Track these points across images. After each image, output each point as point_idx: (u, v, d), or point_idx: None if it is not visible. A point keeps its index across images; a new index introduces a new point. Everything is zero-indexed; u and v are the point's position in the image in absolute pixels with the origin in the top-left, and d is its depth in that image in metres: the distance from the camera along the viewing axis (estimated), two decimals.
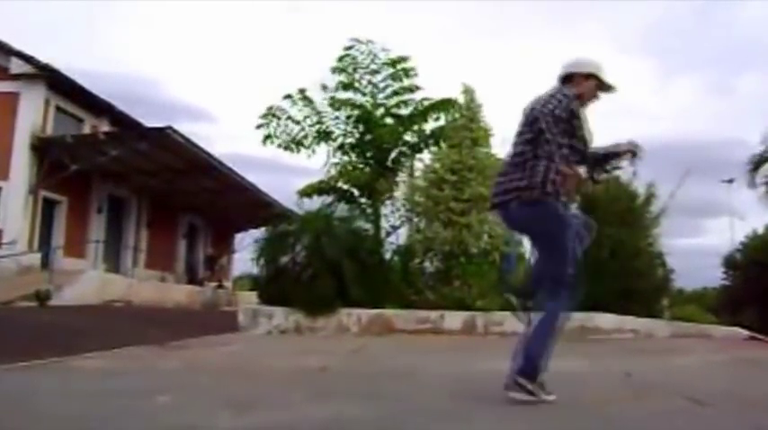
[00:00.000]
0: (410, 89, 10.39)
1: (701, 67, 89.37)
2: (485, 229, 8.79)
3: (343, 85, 10.33)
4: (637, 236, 8.25)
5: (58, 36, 61.71)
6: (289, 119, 10.30)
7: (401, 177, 10.30)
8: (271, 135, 10.27)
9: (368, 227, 9.39)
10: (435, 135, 10.18)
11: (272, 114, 10.26)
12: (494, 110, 10.40)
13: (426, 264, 9.06)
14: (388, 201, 10.00)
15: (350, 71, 10.36)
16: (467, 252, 8.63)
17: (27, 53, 16.16)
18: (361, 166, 10.33)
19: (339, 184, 10.17)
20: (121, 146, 15.88)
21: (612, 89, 3.48)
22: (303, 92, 10.28)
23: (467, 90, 9.63)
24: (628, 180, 8.79)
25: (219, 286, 21.91)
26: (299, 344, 6.72)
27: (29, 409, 3.12)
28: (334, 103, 10.34)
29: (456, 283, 8.26)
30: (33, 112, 16.34)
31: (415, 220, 9.40)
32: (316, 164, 10.37)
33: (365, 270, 8.13)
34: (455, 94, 9.94)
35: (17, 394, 3.60)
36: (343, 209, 9.29)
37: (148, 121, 19.55)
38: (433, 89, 10.50)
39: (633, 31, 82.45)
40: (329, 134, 10.36)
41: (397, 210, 9.84)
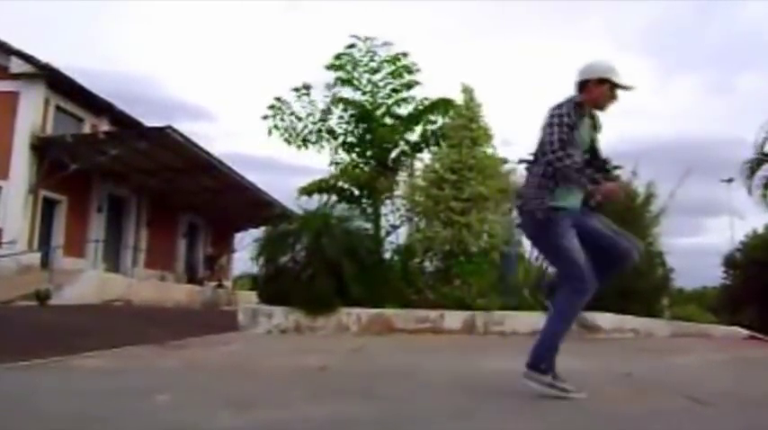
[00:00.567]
0: (409, 85, 10.38)
1: (700, 66, 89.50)
2: (485, 229, 8.79)
3: (342, 81, 10.30)
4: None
5: (58, 35, 61.82)
6: (292, 114, 10.30)
7: (401, 176, 10.30)
8: (278, 126, 10.25)
9: (368, 226, 9.38)
10: (435, 134, 10.19)
11: (278, 108, 10.23)
12: (494, 109, 10.41)
13: (426, 263, 9.06)
14: (388, 201, 10.00)
15: (349, 68, 10.35)
16: (467, 251, 8.62)
17: (27, 52, 16.18)
18: (361, 165, 10.34)
19: (339, 183, 10.16)
20: (121, 145, 15.90)
21: (629, 88, 3.51)
22: (308, 87, 10.27)
23: (466, 90, 9.63)
24: (627, 179, 8.81)
25: (219, 285, 21.92)
26: (298, 344, 6.72)
27: (29, 408, 3.12)
28: (335, 101, 10.33)
29: (456, 283, 8.25)
30: (33, 112, 16.35)
31: (415, 220, 9.39)
32: (315, 163, 10.43)
33: (365, 269, 8.13)
34: (454, 93, 9.94)
35: (17, 393, 3.60)
36: (343, 208, 9.28)
37: (148, 121, 19.61)
38: (432, 89, 10.49)
39: (633, 30, 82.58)
40: (332, 132, 10.37)
41: (397, 210, 9.83)
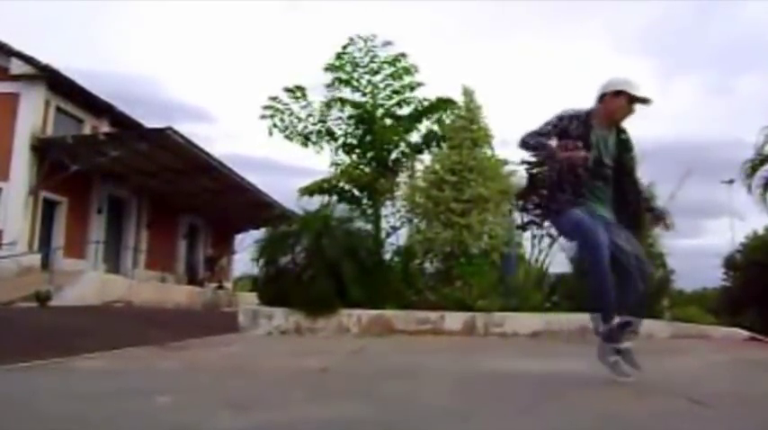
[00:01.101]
0: (411, 86, 10.38)
1: (700, 67, 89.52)
2: (485, 230, 8.79)
3: (340, 81, 10.30)
4: (636, 236, 8.23)
5: (58, 36, 61.87)
6: (291, 114, 10.30)
7: (402, 178, 10.31)
8: (277, 125, 10.25)
9: (368, 227, 9.39)
10: (436, 136, 10.19)
11: (275, 108, 10.24)
12: (493, 110, 10.41)
13: (426, 264, 9.06)
14: (388, 202, 10.01)
15: (348, 69, 10.35)
16: (467, 252, 8.62)
17: (27, 54, 16.19)
18: (362, 166, 10.34)
19: (340, 184, 10.17)
20: (121, 146, 15.90)
21: (646, 100, 3.68)
22: (301, 89, 10.27)
23: (467, 91, 9.63)
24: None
25: (220, 287, 21.93)
26: (299, 345, 6.72)
27: (29, 410, 3.12)
28: (333, 102, 10.33)
29: (456, 284, 8.25)
30: (33, 113, 16.37)
31: (416, 221, 9.40)
32: (315, 164, 10.44)
33: (365, 270, 8.13)
34: (454, 94, 9.95)
35: (17, 394, 3.60)
36: (343, 209, 9.29)
37: (148, 122, 19.63)
38: (432, 90, 10.51)
39: (633, 31, 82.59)
40: (332, 133, 10.38)
41: (398, 211, 9.85)
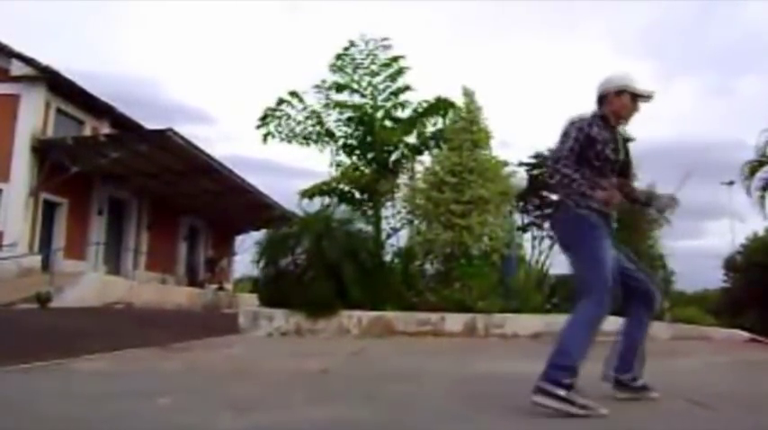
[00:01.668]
0: (406, 87, 10.40)
1: (701, 68, 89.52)
2: (485, 231, 8.80)
3: (338, 87, 10.32)
4: (637, 238, 8.26)
5: (58, 38, 61.91)
6: (289, 118, 10.32)
7: (402, 179, 10.32)
8: (271, 132, 10.28)
9: (368, 229, 9.40)
10: (436, 137, 10.20)
11: (271, 116, 10.27)
12: (492, 111, 10.41)
13: (427, 265, 9.07)
14: (388, 203, 10.02)
15: (349, 71, 10.37)
16: (467, 254, 8.63)
17: (28, 55, 16.19)
18: (362, 168, 10.35)
19: (340, 186, 10.18)
20: (122, 148, 15.90)
21: (649, 97, 3.45)
22: (296, 94, 10.28)
23: (467, 92, 9.64)
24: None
25: (220, 288, 21.93)
26: (299, 346, 6.72)
27: (30, 411, 3.12)
28: (332, 105, 10.35)
29: (456, 285, 8.25)
30: (34, 114, 16.37)
31: (416, 222, 9.40)
32: (315, 166, 10.46)
33: (365, 272, 8.14)
34: (454, 95, 9.97)
35: (18, 396, 3.60)
36: (343, 211, 9.30)
37: (149, 123, 19.63)
38: (432, 90, 10.54)
39: (633, 33, 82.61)
40: (332, 134, 10.39)
41: (398, 212, 9.86)
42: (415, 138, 10.44)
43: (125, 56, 79.51)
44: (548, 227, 8.99)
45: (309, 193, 9.97)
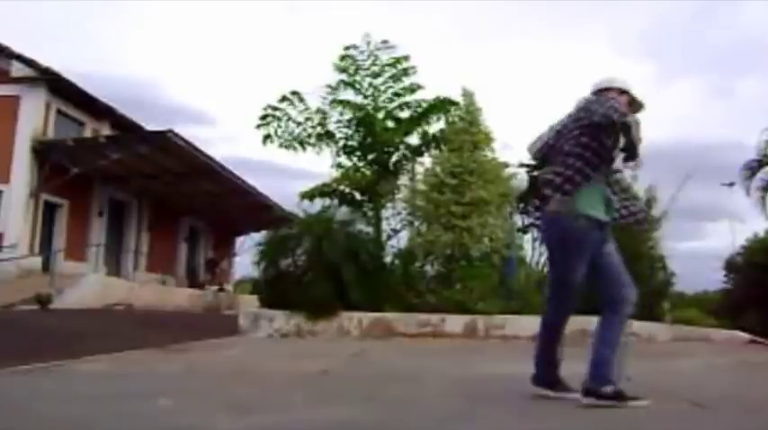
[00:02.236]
0: (411, 89, 10.40)
1: (701, 69, 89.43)
2: (485, 233, 8.80)
3: (344, 84, 10.33)
4: (637, 239, 8.25)
5: (59, 39, 61.91)
6: (289, 119, 10.32)
7: (402, 180, 10.32)
8: (270, 135, 10.29)
9: (369, 230, 9.40)
10: (436, 138, 10.20)
11: (271, 116, 10.28)
12: (492, 113, 10.42)
13: (427, 267, 9.07)
14: (389, 204, 10.02)
15: (351, 71, 10.38)
16: (467, 255, 8.63)
17: (28, 56, 16.19)
18: (362, 169, 10.36)
19: (341, 187, 10.18)
20: (122, 149, 15.90)
21: (642, 107, 3.49)
22: (298, 94, 10.29)
23: (467, 93, 9.65)
24: (628, 183, 8.81)
25: (220, 289, 21.91)
26: (299, 348, 6.72)
27: (30, 412, 3.12)
28: (335, 104, 10.35)
29: (457, 287, 8.26)
30: (34, 116, 16.37)
31: (416, 224, 9.40)
32: (315, 167, 10.45)
33: (366, 273, 8.14)
34: (455, 96, 9.97)
35: (19, 397, 3.60)
36: (344, 212, 9.30)
37: (149, 125, 19.62)
38: (433, 91, 10.53)
39: (633, 34, 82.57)
40: (332, 135, 10.39)
41: (398, 214, 9.86)
42: (416, 139, 10.45)
43: (125, 57, 79.62)
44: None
45: (310, 195, 9.98)
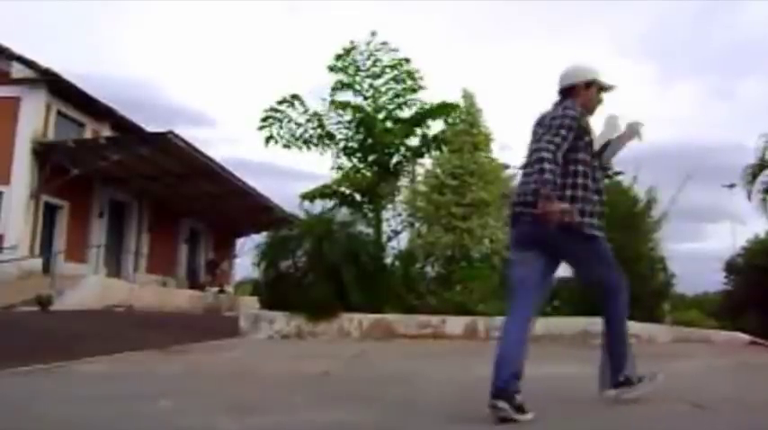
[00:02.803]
0: (413, 90, 10.40)
1: (701, 71, 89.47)
2: (486, 234, 8.81)
3: (342, 85, 10.34)
4: (638, 240, 8.26)
5: (59, 40, 61.98)
6: (290, 121, 10.33)
7: (403, 182, 10.33)
8: (273, 136, 10.30)
9: (369, 231, 9.40)
10: (437, 139, 10.21)
11: (272, 117, 10.29)
12: (494, 114, 10.42)
13: (428, 268, 9.07)
14: (389, 206, 10.02)
15: (350, 72, 10.38)
16: (468, 256, 8.64)
17: (28, 58, 16.19)
18: (363, 170, 10.36)
19: (341, 188, 10.19)
20: (123, 150, 15.90)
21: (612, 88, 3.38)
22: (297, 97, 10.30)
23: (467, 95, 9.65)
24: (629, 184, 8.83)
25: (221, 291, 21.89)
26: (300, 349, 6.72)
27: (31, 413, 3.12)
28: (333, 105, 10.36)
29: (457, 288, 8.25)
30: (34, 117, 16.36)
31: (417, 225, 9.41)
32: (316, 168, 10.45)
33: (366, 274, 8.13)
34: (455, 98, 9.97)
35: (19, 398, 3.60)
36: (344, 213, 9.30)
37: (149, 126, 19.61)
38: (433, 93, 10.54)
39: (633, 35, 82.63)
40: (332, 136, 10.40)
41: (399, 215, 9.86)
42: (416, 141, 10.45)
43: (126, 58, 79.69)
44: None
45: (310, 196, 9.99)
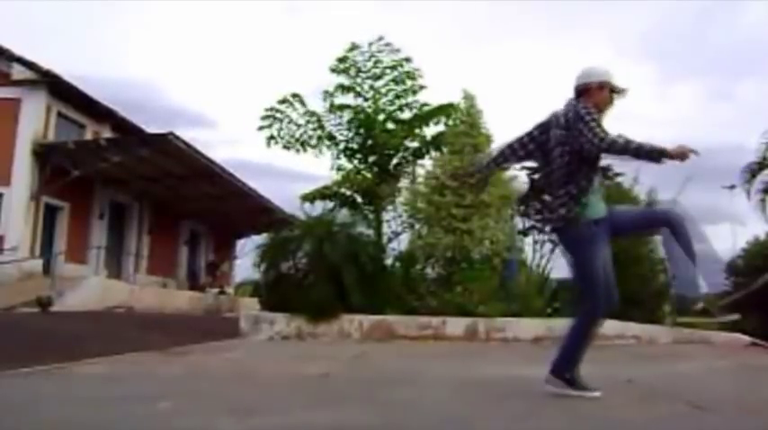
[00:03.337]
0: (413, 90, 10.41)
1: (701, 72, 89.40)
2: (486, 235, 8.79)
3: (343, 88, 10.35)
4: (638, 242, 8.25)
5: (59, 42, 61.92)
6: (290, 122, 10.34)
7: (403, 183, 10.32)
8: (274, 136, 10.31)
9: (369, 233, 9.39)
10: (437, 141, 10.21)
11: (272, 116, 10.30)
12: (495, 115, 10.42)
13: (428, 269, 9.05)
14: (389, 207, 10.02)
15: (351, 74, 10.39)
16: (468, 258, 8.62)
17: (29, 59, 16.21)
18: (363, 172, 10.36)
19: (342, 190, 10.19)
20: (123, 152, 15.92)
21: (624, 91, 3.53)
22: (298, 96, 10.31)
23: (467, 96, 9.65)
24: (629, 186, 8.82)
25: (221, 292, 21.90)
26: (300, 350, 6.72)
27: (31, 415, 3.12)
28: (334, 107, 10.37)
29: (457, 289, 8.24)
30: (35, 118, 16.39)
31: (417, 226, 9.40)
32: (316, 169, 10.47)
33: (367, 276, 8.13)
34: (455, 99, 9.97)
35: (19, 400, 3.60)
36: (345, 214, 9.30)
37: (149, 128, 19.63)
38: (434, 94, 10.54)
39: (633, 36, 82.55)
40: (332, 137, 10.40)
41: (399, 216, 9.85)
42: (417, 142, 10.45)
43: (126, 60, 79.54)
44: (549, 229, 8.94)
45: (311, 197, 9.99)
